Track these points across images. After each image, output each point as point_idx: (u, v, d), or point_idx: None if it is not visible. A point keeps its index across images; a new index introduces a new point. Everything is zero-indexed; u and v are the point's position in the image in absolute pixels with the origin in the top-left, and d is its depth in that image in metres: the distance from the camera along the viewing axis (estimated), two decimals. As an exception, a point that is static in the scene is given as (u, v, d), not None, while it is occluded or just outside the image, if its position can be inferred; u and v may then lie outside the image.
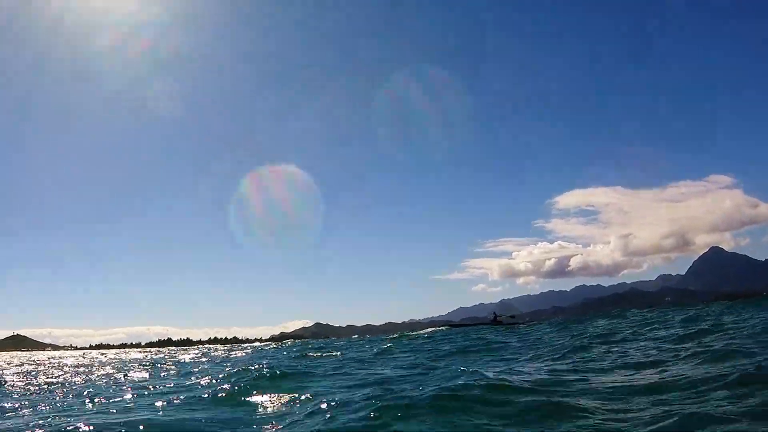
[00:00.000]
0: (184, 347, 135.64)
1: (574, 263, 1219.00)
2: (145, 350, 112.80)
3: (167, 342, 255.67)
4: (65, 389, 15.90)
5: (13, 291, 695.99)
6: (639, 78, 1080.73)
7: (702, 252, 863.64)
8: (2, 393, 15.61)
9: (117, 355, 54.56)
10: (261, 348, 50.43)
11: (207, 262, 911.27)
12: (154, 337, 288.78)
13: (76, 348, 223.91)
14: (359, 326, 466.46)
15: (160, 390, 13.92)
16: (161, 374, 21.08)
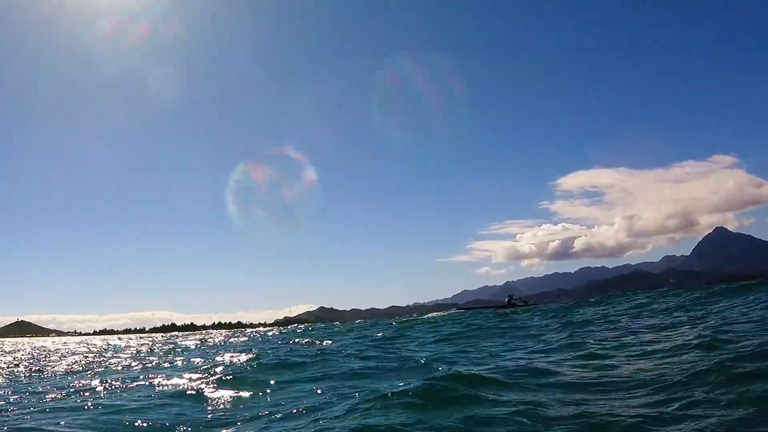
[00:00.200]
0: (188, 332, 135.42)
1: (579, 245, 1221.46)
2: (142, 336, 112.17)
3: (171, 327, 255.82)
4: None
5: (18, 277, 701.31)
6: (642, 58, 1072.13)
7: (706, 233, 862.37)
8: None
9: (80, 345, 47.95)
10: (253, 336, 49.15)
11: (212, 248, 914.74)
12: (159, 323, 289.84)
13: (80, 334, 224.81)
14: (363, 310, 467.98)
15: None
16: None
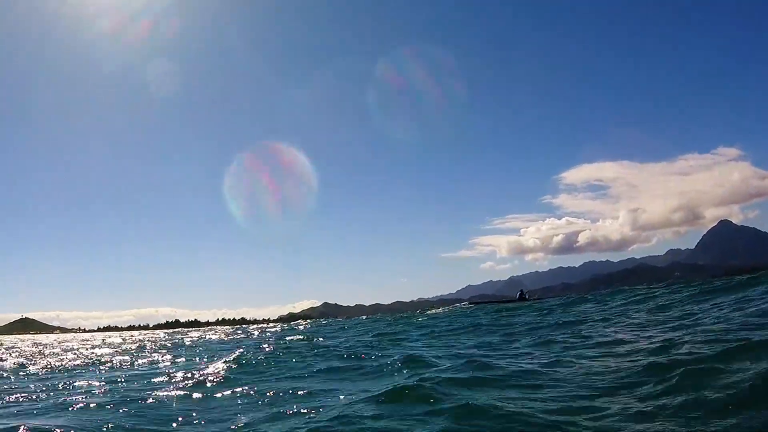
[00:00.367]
0: (191, 328, 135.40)
1: (583, 239, 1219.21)
2: (145, 332, 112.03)
3: (175, 324, 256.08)
4: None
5: (22, 274, 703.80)
6: (646, 51, 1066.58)
7: (711, 225, 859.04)
8: None
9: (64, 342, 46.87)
10: (248, 333, 48.89)
11: (216, 244, 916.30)
12: (162, 319, 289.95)
13: (84, 330, 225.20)
14: (367, 305, 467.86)
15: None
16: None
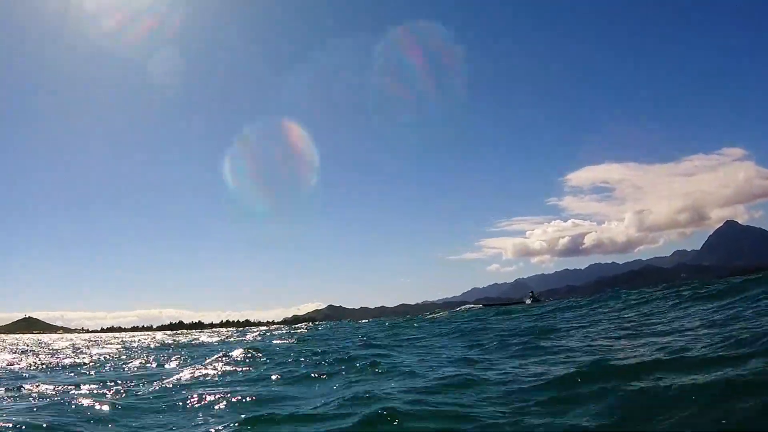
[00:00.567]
0: (194, 330, 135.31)
1: (589, 241, 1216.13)
2: (148, 333, 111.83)
3: (179, 325, 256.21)
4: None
5: (27, 274, 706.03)
6: (650, 52, 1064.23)
7: (717, 226, 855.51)
8: None
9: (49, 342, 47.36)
10: (237, 337, 48.31)
11: (222, 246, 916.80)
12: (167, 320, 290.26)
13: (88, 331, 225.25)
14: (372, 308, 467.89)
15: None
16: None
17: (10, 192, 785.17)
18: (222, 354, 16.91)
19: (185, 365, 15.57)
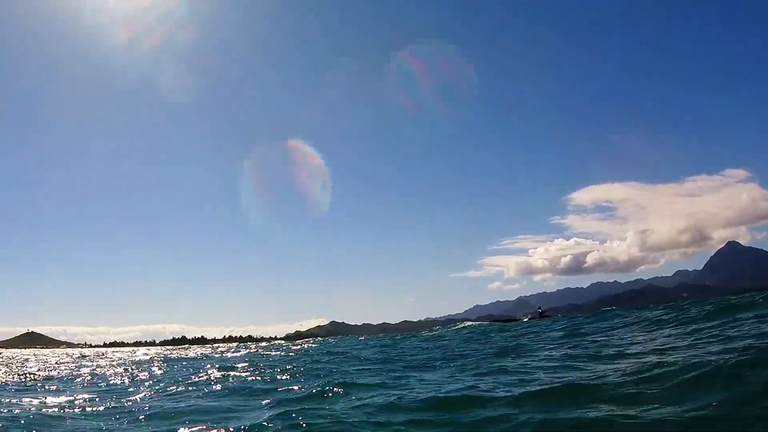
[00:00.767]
0: (196, 345, 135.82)
1: (591, 260, 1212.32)
2: (149, 348, 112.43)
3: (181, 340, 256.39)
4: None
5: (30, 288, 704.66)
6: (654, 72, 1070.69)
7: (719, 247, 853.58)
8: None
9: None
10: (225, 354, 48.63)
11: (225, 261, 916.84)
12: (169, 336, 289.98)
13: (91, 346, 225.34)
14: (375, 324, 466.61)
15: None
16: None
17: (16, 205, 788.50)
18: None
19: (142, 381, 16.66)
